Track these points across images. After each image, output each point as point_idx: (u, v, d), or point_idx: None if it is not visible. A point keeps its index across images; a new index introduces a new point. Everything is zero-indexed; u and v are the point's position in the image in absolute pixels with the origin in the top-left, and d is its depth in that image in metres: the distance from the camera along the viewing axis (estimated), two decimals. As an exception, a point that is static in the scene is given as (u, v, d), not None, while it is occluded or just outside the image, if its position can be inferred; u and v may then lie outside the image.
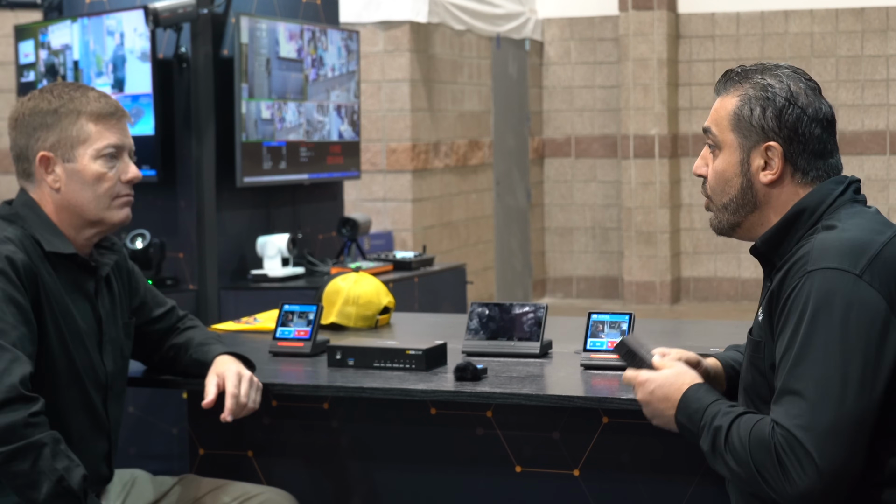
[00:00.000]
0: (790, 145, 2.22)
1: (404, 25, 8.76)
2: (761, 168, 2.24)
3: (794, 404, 2.03)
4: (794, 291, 2.10)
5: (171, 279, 5.01)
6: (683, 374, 2.28)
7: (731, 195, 2.27)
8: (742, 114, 2.24)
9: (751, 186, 2.25)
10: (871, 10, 10.38)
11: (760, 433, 2.07)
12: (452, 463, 3.00)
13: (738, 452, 2.09)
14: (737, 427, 2.12)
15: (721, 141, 2.28)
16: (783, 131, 2.22)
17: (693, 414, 2.21)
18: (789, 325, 2.10)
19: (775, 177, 2.23)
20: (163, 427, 4.63)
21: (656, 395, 2.28)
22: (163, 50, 5.04)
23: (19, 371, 2.39)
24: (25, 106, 2.68)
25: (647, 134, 10.54)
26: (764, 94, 2.23)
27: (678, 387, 2.25)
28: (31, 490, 2.35)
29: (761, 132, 2.23)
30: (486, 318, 3.15)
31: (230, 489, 2.86)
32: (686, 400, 2.23)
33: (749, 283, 10.74)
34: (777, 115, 2.22)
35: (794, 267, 2.13)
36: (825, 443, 2.00)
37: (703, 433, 2.17)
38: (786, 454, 2.02)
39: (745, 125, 2.24)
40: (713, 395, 2.22)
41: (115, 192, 2.68)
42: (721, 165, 2.29)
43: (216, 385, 2.76)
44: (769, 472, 2.04)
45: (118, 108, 2.71)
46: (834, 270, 2.07)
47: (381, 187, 8.83)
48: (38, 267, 2.57)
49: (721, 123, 2.28)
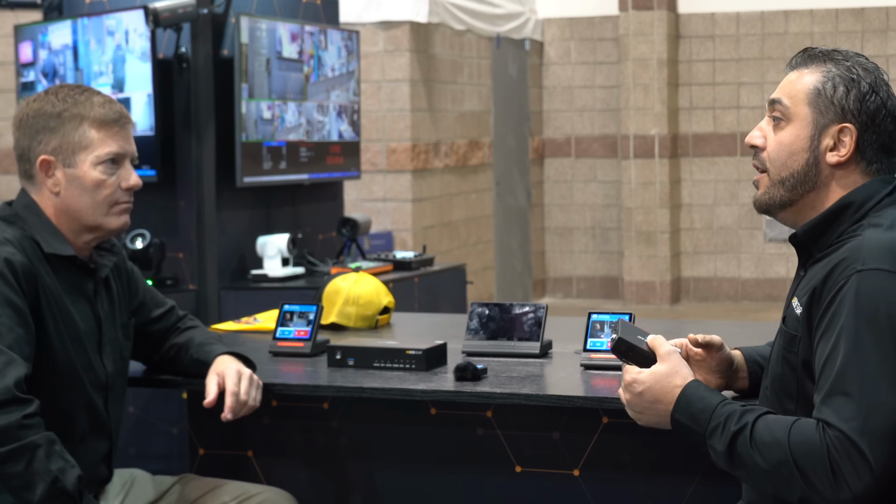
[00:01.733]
0: (865, 132, 2.18)
1: (404, 25, 8.76)
2: (830, 148, 2.19)
3: (847, 406, 1.98)
4: (841, 290, 2.06)
5: (171, 279, 5.01)
6: (674, 373, 2.20)
7: (793, 169, 2.21)
8: (824, 90, 2.19)
9: (816, 164, 2.20)
10: (871, 10, 10.38)
11: (805, 434, 2.01)
12: (452, 463, 3.00)
13: (773, 452, 2.02)
14: (765, 427, 2.06)
15: (793, 113, 2.21)
16: (862, 116, 2.17)
17: (698, 414, 2.13)
18: (834, 324, 2.05)
19: (843, 159, 2.18)
20: (163, 427, 4.63)
21: (645, 397, 2.21)
22: (163, 50, 5.04)
23: (14, 373, 2.39)
24: (30, 107, 2.68)
25: (647, 134, 10.54)
26: (850, 75, 2.19)
27: (671, 387, 2.18)
28: (26, 491, 2.35)
29: (840, 112, 2.18)
30: (486, 318, 3.14)
31: (230, 489, 2.86)
32: (686, 399, 2.16)
33: (749, 283, 10.74)
34: (860, 98, 2.18)
35: (842, 264, 2.09)
36: (881, 446, 1.96)
37: (714, 433, 2.10)
38: (840, 457, 1.96)
39: (824, 101, 2.19)
40: (718, 395, 2.15)
41: (114, 199, 2.68)
42: (788, 138, 2.22)
43: (217, 384, 2.76)
44: (816, 474, 1.98)
45: (122, 115, 2.70)
46: (884, 272, 2.04)
47: (381, 187, 8.83)
48: (38, 268, 2.57)
49: (796, 96, 2.21)
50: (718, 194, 10.80)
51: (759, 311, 10.26)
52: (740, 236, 10.80)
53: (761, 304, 10.61)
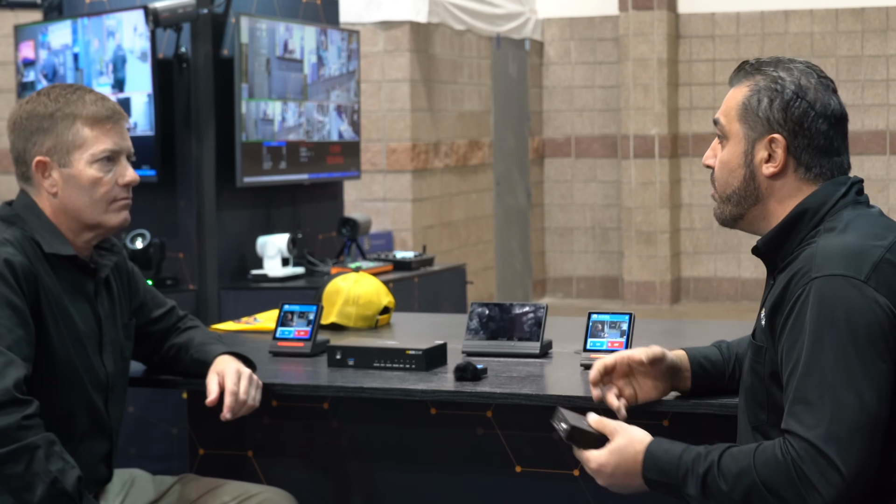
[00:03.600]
0: (794, 139, 2.20)
1: (404, 25, 8.76)
2: (765, 160, 2.22)
3: (810, 414, 2.00)
4: (800, 299, 2.08)
5: (171, 279, 5.01)
6: (632, 442, 2.20)
7: (734, 186, 2.25)
8: (750, 104, 2.22)
9: (753, 178, 2.23)
10: (871, 10, 10.38)
11: (768, 454, 2.03)
12: (452, 463, 3.00)
13: (742, 479, 2.04)
14: (730, 458, 2.08)
15: (728, 131, 2.26)
16: (788, 124, 2.20)
17: (666, 467, 2.14)
18: (795, 333, 2.07)
19: (777, 169, 2.21)
20: (163, 427, 4.63)
21: (617, 475, 2.21)
22: (163, 50, 5.04)
23: (13, 374, 2.39)
24: (23, 109, 2.67)
25: (647, 134, 10.54)
26: (773, 85, 2.21)
27: (634, 455, 2.18)
28: (26, 492, 2.35)
29: (766, 124, 2.21)
30: (486, 318, 3.14)
31: (230, 488, 2.86)
32: (652, 457, 2.16)
33: (749, 283, 10.74)
34: (784, 107, 2.19)
35: (798, 273, 2.11)
36: (847, 450, 1.97)
37: (686, 479, 2.11)
38: (807, 466, 1.98)
39: (751, 116, 2.22)
40: (679, 445, 2.16)
41: (112, 196, 2.68)
42: (726, 156, 2.26)
43: (218, 383, 2.76)
44: (787, 490, 2.00)
45: (115, 111, 2.69)
46: (839, 277, 2.05)
47: (381, 187, 8.83)
48: (38, 269, 2.57)
49: (729, 114, 2.26)
50: (718, 194, 10.79)
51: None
52: (740, 236, 10.79)
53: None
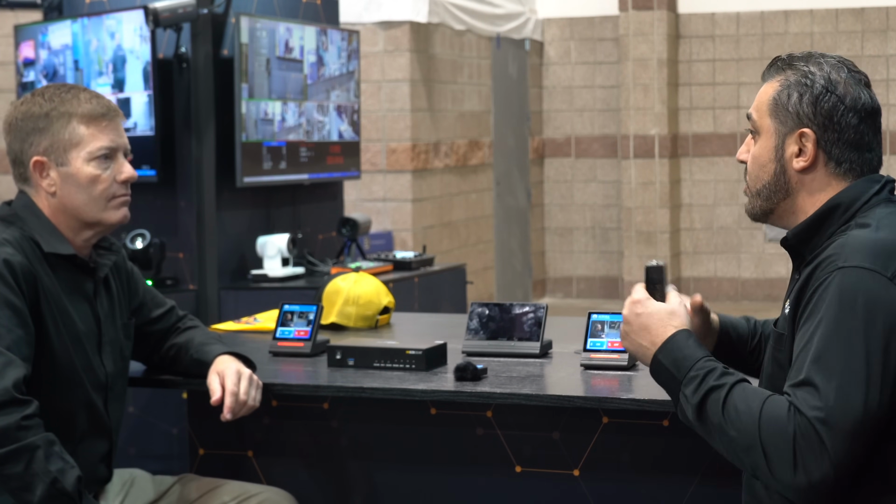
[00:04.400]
0: (824, 133, 2.20)
1: (404, 25, 8.76)
2: (795, 154, 2.22)
3: (815, 396, 2.00)
4: (822, 286, 2.08)
5: (171, 279, 5.01)
6: (675, 315, 2.23)
7: (764, 181, 2.26)
8: (780, 99, 2.23)
9: (784, 172, 2.23)
10: (871, 10, 10.38)
11: (776, 410, 2.02)
12: (452, 463, 3.00)
13: (742, 419, 2.04)
14: (741, 394, 2.07)
15: (760, 126, 2.26)
16: (818, 118, 2.20)
17: (681, 360, 2.16)
18: (814, 317, 2.07)
19: (807, 164, 2.21)
20: (163, 427, 4.63)
21: (640, 320, 2.24)
22: (163, 50, 5.04)
23: (13, 375, 2.39)
24: (18, 110, 2.67)
25: (647, 134, 10.54)
26: (803, 80, 2.21)
27: (664, 325, 2.21)
28: (26, 492, 2.35)
29: (797, 118, 2.21)
30: (486, 318, 3.14)
31: (229, 488, 2.86)
32: (674, 343, 2.18)
33: (749, 283, 10.74)
34: (813, 101, 2.20)
35: (825, 262, 2.11)
36: (841, 440, 1.97)
37: (690, 383, 2.12)
38: (804, 442, 1.98)
39: (781, 111, 2.22)
40: (704, 350, 2.18)
41: (111, 193, 2.68)
42: (758, 151, 2.27)
43: (220, 383, 2.76)
44: (779, 455, 2.00)
45: (110, 108, 2.69)
46: (865, 270, 2.05)
47: (381, 187, 8.83)
48: (37, 268, 2.57)
49: (761, 109, 2.26)
50: (718, 194, 10.81)
51: (758, 311, 10.25)
52: (740, 236, 10.80)
53: (761, 304, 10.61)
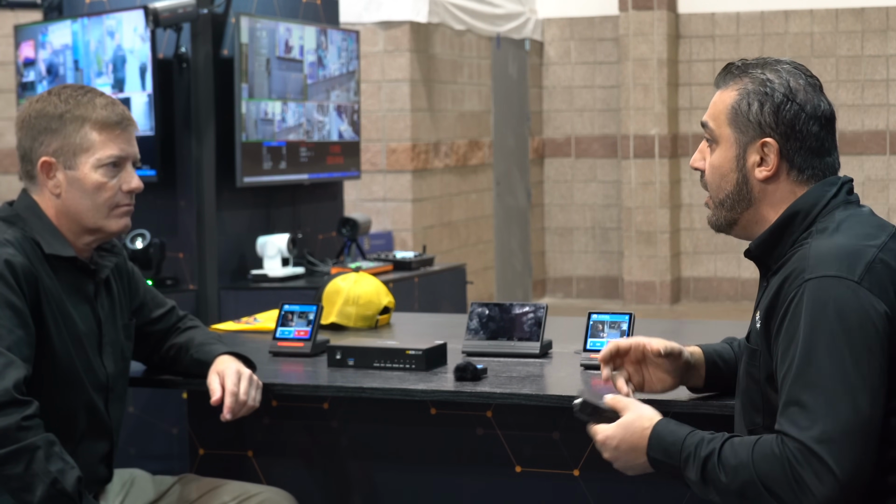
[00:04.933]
0: (787, 142, 2.19)
1: (404, 25, 8.76)
2: (757, 164, 2.21)
3: (804, 415, 2.00)
4: (793, 301, 2.07)
5: (171, 279, 5.01)
6: (640, 418, 2.21)
7: (726, 191, 2.25)
8: (740, 108, 2.21)
9: (746, 182, 2.23)
10: (871, 10, 10.38)
11: (766, 450, 2.03)
12: (452, 463, 3.00)
13: (740, 473, 2.05)
14: (730, 449, 2.08)
15: (718, 135, 2.25)
16: (780, 127, 2.19)
17: (670, 448, 2.15)
18: (789, 335, 2.06)
19: (770, 173, 2.21)
20: (163, 427, 4.63)
21: (622, 449, 2.23)
22: (163, 50, 5.04)
23: (13, 375, 2.39)
24: (33, 107, 2.67)
25: (647, 134, 10.54)
26: (762, 88, 2.20)
27: (641, 431, 2.20)
28: (26, 493, 2.35)
29: (758, 128, 2.20)
30: (486, 318, 3.14)
31: (229, 488, 2.86)
32: (657, 436, 2.17)
33: (749, 283, 10.74)
34: (774, 110, 2.19)
35: (792, 275, 2.10)
36: (841, 451, 1.97)
37: (687, 464, 2.12)
38: (801, 467, 1.98)
39: (742, 120, 2.21)
40: (685, 427, 2.17)
41: (115, 201, 2.68)
42: (717, 160, 2.26)
43: (220, 383, 2.76)
44: (781, 488, 2.00)
45: (124, 117, 2.69)
46: (832, 278, 2.04)
47: (381, 187, 8.83)
48: (38, 269, 2.57)
49: (718, 118, 2.25)
50: (718, 194, 10.79)
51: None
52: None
53: (761, 304, 10.61)
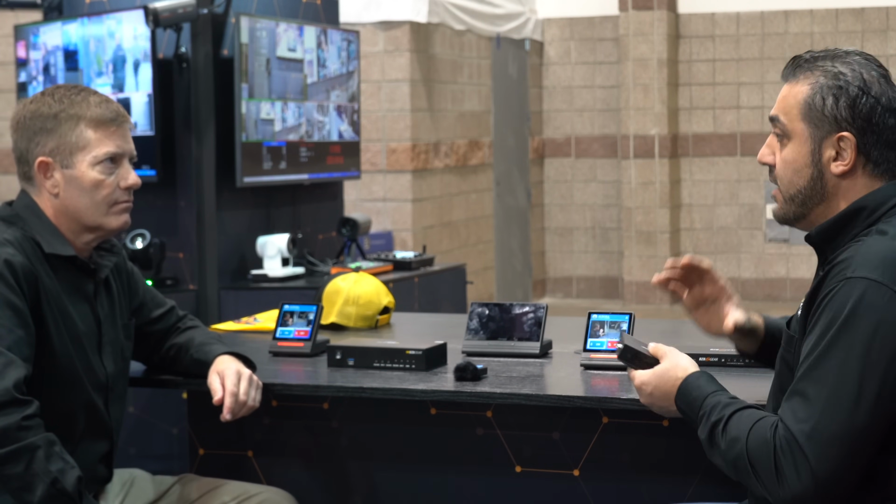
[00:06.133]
0: (864, 136, 2.15)
1: (404, 25, 8.76)
2: (833, 159, 2.17)
3: (803, 407, 2.01)
4: (830, 295, 2.06)
5: (171, 279, 5.01)
6: (676, 367, 2.28)
7: (799, 186, 2.20)
8: (814, 103, 2.17)
9: (821, 177, 2.18)
10: (871, 10, 10.38)
11: (762, 430, 2.06)
12: (452, 463, 3.00)
13: (736, 445, 2.08)
14: (737, 420, 2.11)
15: (790, 130, 2.20)
16: (857, 122, 2.15)
17: (692, 402, 2.22)
18: (818, 327, 2.06)
19: (847, 168, 2.16)
20: (163, 427, 4.63)
21: (656, 395, 2.30)
22: (163, 50, 5.04)
23: (13, 375, 2.39)
24: (27, 108, 2.67)
25: (647, 134, 10.54)
26: (836, 82, 2.16)
27: (674, 381, 2.27)
28: (26, 492, 2.35)
29: (834, 122, 2.15)
30: (486, 318, 3.14)
31: (229, 488, 2.86)
32: (686, 387, 2.24)
33: (749, 283, 10.74)
34: (850, 104, 2.14)
35: (836, 268, 2.09)
36: (825, 452, 1.98)
37: (701, 422, 2.17)
38: (784, 456, 2.01)
39: (816, 115, 2.17)
40: (712, 385, 2.22)
41: (114, 198, 2.68)
42: (791, 155, 2.21)
43: (221, 383, 2.76)
44: (763, 470, 2.03)
45: (119, 114, 2.69)
46: (873, 282, 2.02)
47: (381, 187, 8.83)
48: (38, 269, 2.56)
49: (790, 112, 2.20)
50: (718, 194, 10.80)
51: (759, 311, 10.24)
52: (740, 236, 10.80)
53: (761, 305, 10.61)
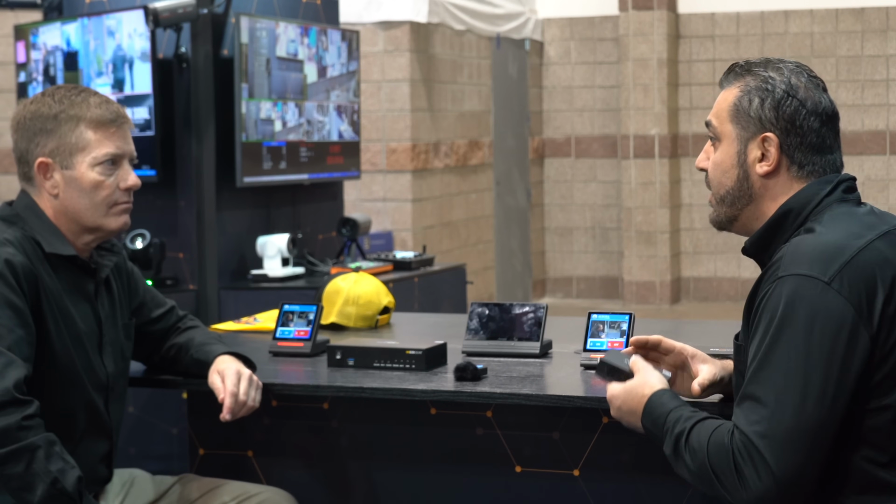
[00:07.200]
0: (787, 137, 2.21)
1: (404, 25, 8.76)
2: (758, 159, 2.23)
3: (754, 410, 2.04)
4: (766, 297, 2.10)
5: (171, 279, 5.01)
6: (643, 385, 2.29)
7: (727, 186, 2.27)
8: (741, 105, 2.23)
9: (747, 178, 2.24)
10: (871, 10, 10.38)
11: (719, 438, 2.08)
12: (452, 463, 3.00)
13: (697, 456, 2.11)
14: (697, 431, 2.13)
15: (720, 132, 2.27)
16: (780, 122, 2.21)
17: (657, 419, 2.23)
18: (759, 330, 2.10)
19: (771, 168, 2.22)
20: (163, 427, 4.63)
21: (623, 410, 2.32)
22: (163, 50, 5.04)
23: (13, 375, 2.39)
24: (27, 109, 2.67)
25: (647, 134, 10.54)
26: (764, 85, 2.22)
27: (640, 397, 2.28)
28: (26, 492, 2.35)
29: (759, 123, 2.22)
30: (486, 318, 3.14)
31: (229, 488, 2.86)
32: (650, 405, 2.26)
33: (749, 283, 10.72)
34: (775, 106, 2.21)
35: (768, 272, 2.14)
36: (782, 450, 2.00)
37: (665, 437, 2.19)
38: (742, 459, 2.03)
39: (743, 116, 2.23)
40: (675, 401, 2.24)
41: (113, 199, 2.68)
42: (720, 157, 2.28)
43: (222, 382, 2.76)
44: (725, 476, 2.05)
45: (119, 115, 2.69)
46: (803, 277, 2.06)
47: (381, 187, 8.83)
48: (38, 269, 2.57)
49: (721, 115, 2.27)
50: (718, 194, 10.79)
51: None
52: (740, 236, 10.78)
53: (761, 304, 10.61)
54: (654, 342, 2.49)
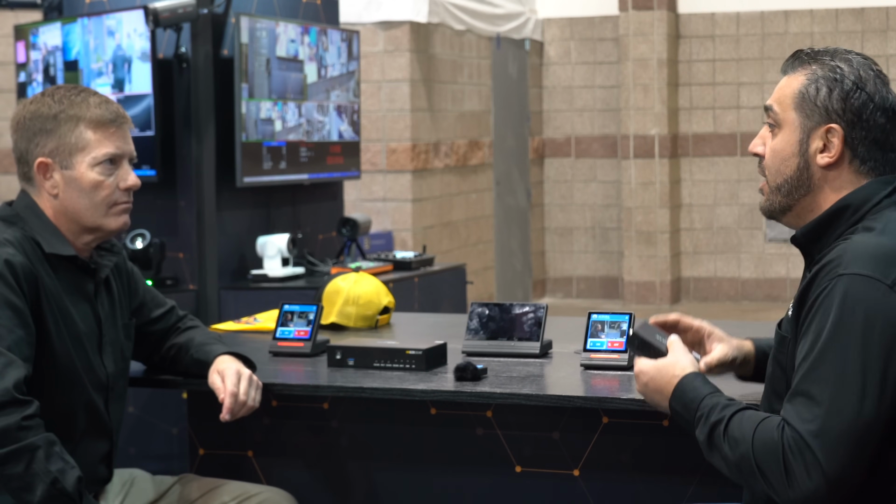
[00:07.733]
0: (852, 130, 2.17)
1: (404, 25, 8.76)
2: (819, 150, 2.19)
3: (808, 408, 2.01)
4: (823, 294, 2.07)
5: (171, 279, 5.01)
6: (675, 365, 2.27)
7: (786, 175, 2.22)
8: (807, 93, 2.19)
9: (807, 168, 2.20)
10: (871, 10, 10.38)
11: (767, 431, 2.05)
12: (452, 463, 3.00)
13: (739, 447, 2.07)
14: (739, 421, 2.10)
15: (782, 119, 2.23)
16: (847, 115, 2.17)
17: (689, 403, 2.20)
18: (813, 327, 2.07)
19: (833, 160, 2.18)
20: (163, 427, 4.63)
21: (650, 387, 2.29)
22: (163, 50, 5.04)
23: (13, 375, 2.39)
24: (27, 109, 2.67)
25: (647, 134, 10.54)
26: (832, 75, 2.18)
27: (670, 377, 2.25)
28: (26, 493, 2.35)
29: (824, 113, 2.18)
30: (486, 318, 3.14)
31: (229, 488, 2.86)
32: (681, 388, 2.23)
33: (749, 283, 10.74)
34: (843, 97, 2.17)
35: (827, 267, 2.09)
36: (835, 451, 1.98)
37: (699, 423, 2.16)
38: (793, 456, 2.00)
39: (808, 105, 2.19)
40: (710, 387, 2.21)
41: (113, 199, 2.67)
42: (779, 144, 2.23)
43: (222, 382, 2.76)
44: (771, 472, 2.02)
45: (119, 115, 2.69)
46: (864, 277, 2.04)
47: (381, 187, 8.83)
48: (38, 269, 2.56)
49: (784, 102, 2.22)
50: (718, 194, 10.81)
51: (759, 311, 10.26)
52: (740, 236, 10.80)
53: (761, 304, 10.61)
54: (672, 321, 2.49)
